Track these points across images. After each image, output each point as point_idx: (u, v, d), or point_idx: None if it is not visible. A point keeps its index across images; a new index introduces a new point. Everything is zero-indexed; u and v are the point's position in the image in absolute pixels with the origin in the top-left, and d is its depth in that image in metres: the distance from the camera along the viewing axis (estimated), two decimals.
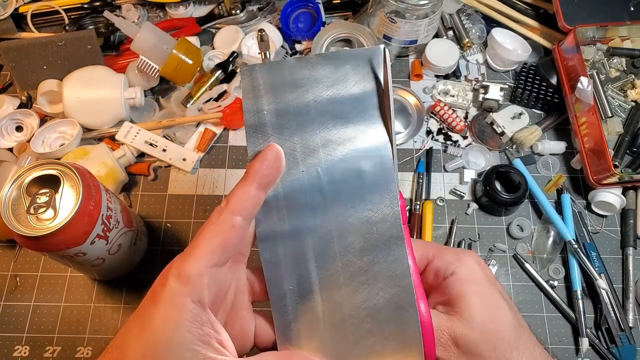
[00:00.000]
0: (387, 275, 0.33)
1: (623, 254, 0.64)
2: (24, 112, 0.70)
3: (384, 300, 0.33)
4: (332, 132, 0.33)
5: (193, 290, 0.29)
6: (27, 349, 0.59)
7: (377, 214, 0.33)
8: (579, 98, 0.64)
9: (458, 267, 0.35)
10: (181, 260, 0.30)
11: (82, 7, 0.77)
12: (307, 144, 0.33)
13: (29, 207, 0.46)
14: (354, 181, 0.33)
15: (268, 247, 0.33)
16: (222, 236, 0.30)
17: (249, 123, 0.33)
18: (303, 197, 0.33)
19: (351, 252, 0.33)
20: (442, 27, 0.78)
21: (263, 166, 0.32)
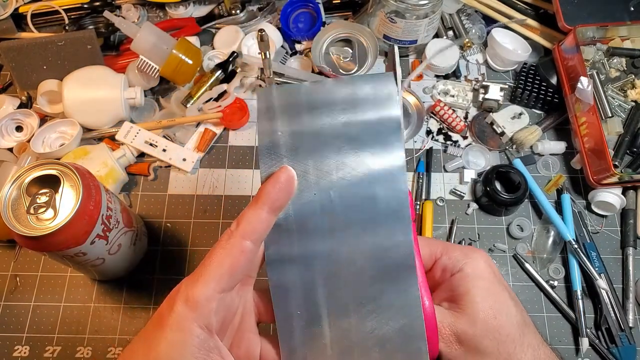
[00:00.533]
0: (398, 305, 0.32)
1: (623, 254, 0.64)
2: (24, 112, 0.70)
3: (393, 330, 0.32)
4: (346, 156, 0.33)
5: (201, 315, 0.29)
6: (27, 349, 0.59)
7: (389, 242, 0.33)
8: (579, 98, 0.64)
9: (466, 264, 0.35)
10: (189, 284, 0.30)
11: (82, 7, 0.77)
12: (320, 167, 0.33)
13: (29, 207, 0.46)
14: (367, 206, 0.33)
15: (277, 270, 0.33)
16: (231, 261, 0.30)
17: (263, 144, 0.33)
18: (314, 221, 0.33)
19: (361, 279, 0.33)
20: (442, 27, 0.78)
21: (275, 189, 0.32)
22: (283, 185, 0.32)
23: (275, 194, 0.32)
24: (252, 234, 0.31)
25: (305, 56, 0.77)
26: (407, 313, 0.32)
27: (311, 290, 0.33)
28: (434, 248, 0.36)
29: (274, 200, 0.32)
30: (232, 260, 0.30)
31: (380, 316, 0.32)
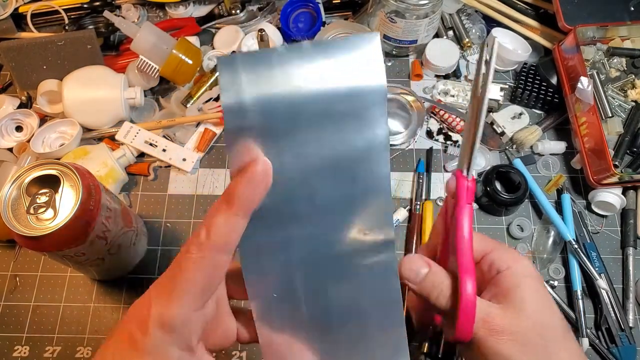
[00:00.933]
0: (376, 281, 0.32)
1: (623, 254, 0.64)
2: (23, 112, 0.70)
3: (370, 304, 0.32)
4: (326, 134, 0.29)
5: (179, 338, 0.27)
6: (27, 349, 0.59)
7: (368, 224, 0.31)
8: (579, 98, 0.64)
9: (514, 263, 0.34)
10: (161, 304, 0.27)
11: (82, 7, 0.77)
12: (297, 148, 0.29)
13: (29, 207, 0.46)
14: (346, 189, 0.30)
15: (251, 259, 0.31)
16: (206, 277, 0.28)
17: (230, 126, 0.28)
18: (291, 207, 0.30)
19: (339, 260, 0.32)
20: (442, 27, 0.78)
21: (250, 189, 0.28)
22: (259, 182, 0.28)
23: (250, 195, 0.28)
24: (225, 245, 0.28)
25: None
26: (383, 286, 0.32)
27: (288, 274, 0.31)
28: (485, 243, 0.36)
29: (249, 203, 0.28)
30: (207, 277, 0.28)
31: (358, 293, 0.32)
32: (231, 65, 0.28)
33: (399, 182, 0.68)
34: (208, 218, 0.28)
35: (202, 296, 0.28)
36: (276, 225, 0.30)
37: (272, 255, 0.31)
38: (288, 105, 0.28)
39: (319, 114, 0.29)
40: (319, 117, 0.29)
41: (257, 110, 0.28)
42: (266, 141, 0.29)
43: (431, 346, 0.58)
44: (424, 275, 0.33)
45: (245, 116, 0.28)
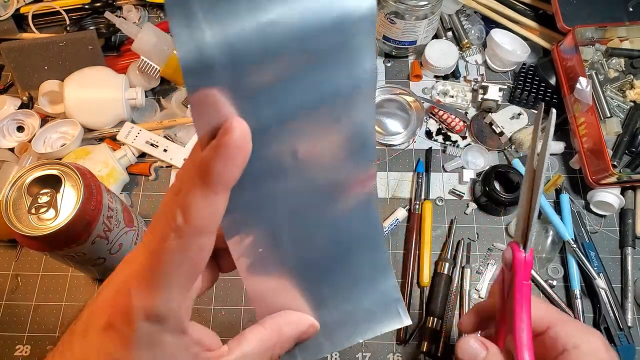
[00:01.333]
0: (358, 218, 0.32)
1: (622, 254, 0.64)
2: (25, 112, 0.70)
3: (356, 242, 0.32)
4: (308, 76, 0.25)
5: (170, 325, 0.25)
6: (28, 348, 0.59)
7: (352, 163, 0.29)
8: (578, 98, 0.64)
9: (583, 342, 0.32)
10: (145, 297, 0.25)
11: (83, 7, 0.77)
12: (277, 98, 0.25)
13: (30, 207, 0.47)
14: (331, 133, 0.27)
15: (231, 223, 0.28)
16: (190, 263, 0.25)
17: (192, 85, 0.22)
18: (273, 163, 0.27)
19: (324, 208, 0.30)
20: (441, 28, 0.78)
21: (229, 165, 0.23)
22: (237, 154, 0.23)
23: (230, 169, 0.23)
24: (207, 226, 0.24)
25: None
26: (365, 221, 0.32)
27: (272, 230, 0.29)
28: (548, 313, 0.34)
29: (229, 177, 0.23)
30: (192, 263, 0.25)
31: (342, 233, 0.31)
32: (184, 5, 0.21)
33: (398, 182, 0.69)
34: (182, 196, 0.24)
35: (188, 283, 0.26)
36: (257, 185, 0.27)
37: (255, 213, 0.28)
38: (261, 47, 0.23)
39: (300, 53, 0.24)
40: (299, 57, 0.24)
41: (224, 59, 0.22)
42: (238, 94, 0.23)
43: (431, 346, 0.58)
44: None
45: (210, 71, 0.22)
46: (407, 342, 0.59)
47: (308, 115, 0.26)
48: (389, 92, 0.74)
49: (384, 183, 0.69)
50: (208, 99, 0.22)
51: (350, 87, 0.26)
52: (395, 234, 0.65)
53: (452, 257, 0.63)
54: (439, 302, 0.60)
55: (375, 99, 0.29)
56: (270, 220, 0.29)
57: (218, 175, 0.23)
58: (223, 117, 0.23)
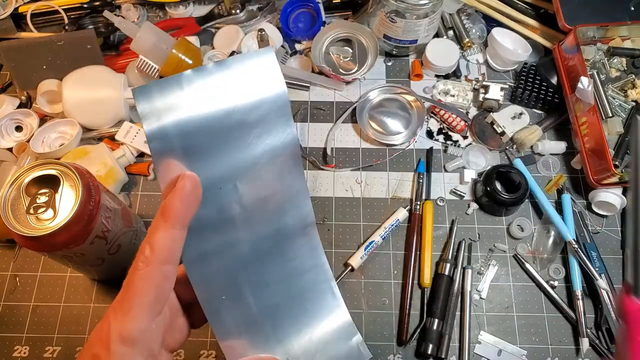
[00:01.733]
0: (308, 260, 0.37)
1: (623, 254, 0.63)
2: (23, 112, 0.70)
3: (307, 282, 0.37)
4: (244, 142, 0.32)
5: (141, 349, 0.29)
6: (26, 349, 0.59)
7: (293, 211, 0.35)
8: (580, 98, 0.64)
9: None
10: (118, 319, 0.29)
11: (81, 6, 0.77)
12: (220, 159, 0.32)
13: (29, 207, 0.46)
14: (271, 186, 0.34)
15: (195, 268, 0.33)
16: (156, 289, 0.30)
17: (156, 151, 0.31)
18: (224, 213, 0.33)
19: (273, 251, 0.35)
20: (442, 27, 0.78)
21: (182, 204, 0.30)
22: (189, 196, 0.30)
23: (184, 208, 0.30)
24: (169, 256, 0.30)
25: (305, 56, 0.77)
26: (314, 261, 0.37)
27: (231, 275, 0.34)
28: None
29: (184, 215, 0.30)
30: (157, 288, 0.30)
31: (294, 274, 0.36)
32: (147, 94, 0.30)
33: (399, 182, 0.68)
34: (150, 234, 0.30)
35: (155, 306, 0.30)
36: (213, 231, 0.33)
37: (214, 260, 0.33)
38: (204, 123, 0.31)
39: (233, 126, 0.32)
40: (232, 128, 0.32)
41: (177, 132, 0.31)
42: (190, 157, 0.31)
43: (432, 347, 0.58)
44: None
45: (167, 139, 0.30)
46: (408, 343, 0.59)
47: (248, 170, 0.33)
48: (389, 91, 0.73)
49: (385, 183, 0.68)
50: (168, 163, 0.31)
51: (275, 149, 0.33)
52: (396, 234, 0.65)
53: (453, 258, 0.63)
54: (440, 303, 0.59)
55: (301, 161, 0.36)
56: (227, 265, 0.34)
57: (174, 211, 0.30)
58: (177, 173, 0.31)
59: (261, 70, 0.32)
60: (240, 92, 0.32)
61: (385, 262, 0.63)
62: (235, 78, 0.32)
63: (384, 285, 0.62)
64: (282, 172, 0.34)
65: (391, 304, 0.61)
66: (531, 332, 0.60)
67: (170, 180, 0.31)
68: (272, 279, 0.36)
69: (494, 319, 0.60)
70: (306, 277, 0.37)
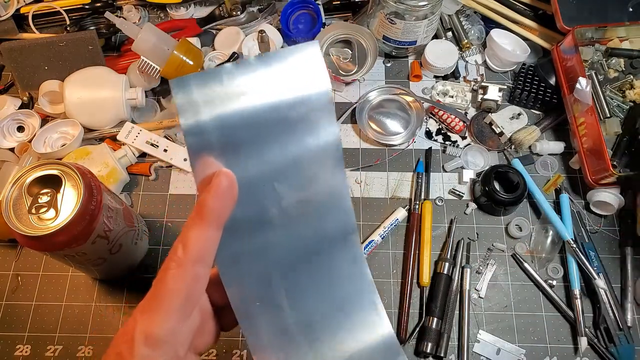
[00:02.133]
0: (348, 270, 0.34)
1: (621, 254, 0.64)
2: (25, 112, 0.70)
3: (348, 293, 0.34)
4: (283, 140, 0.31)
5: (166, 352, 0.28)
6: (28, 348, 0.59)
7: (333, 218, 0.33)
8: (578, 99, 0.64)
9: None
10: (146, 319, 0.28)
11: (83, 8, 0.77)
12: (259, 158, 0.30)
13: (31, 207, 0.47)
14: (310, 188, 0.32)
15: (228, 269, 0.31)
16: (187, 290, 0.28)
17: (192, 147, 0.29)
18: (261, 214, 0.31)
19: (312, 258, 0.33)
20: (441, 28, 0.78)
21: (218, 202, 0.29)
22: (225, 194, 0.29)
23: (219, 207, 0.29)
24: (203, 257, 0.29)
25: None
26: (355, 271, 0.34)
27: (267, 280, 0.32)
28: None
29: (219, 214, 0.29)
30: (188, 289, 0.28)
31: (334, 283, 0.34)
32: (185, 87, 0.29)
33: (398, 182, 0.69)
34: (183, 233, 0.29)
35: (185, 309, 0.29)
36: (249, 233, 0.31)
37: (249, 263, 0.32)
38: (243, 119, 0.30)
39: (273, 123, 0.30)
40: (273, 125, 0.30)
41: (215, 127, 0.29)
42: (228, 155, 0.30)
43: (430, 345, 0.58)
44: None
45: (204, 135, 0.29)
46: (407, 342, 0.59)
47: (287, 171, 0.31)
48: (388, 92, 0.74)
49: (384, 183, 0.69)
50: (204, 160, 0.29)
51: (317, 149, 0.31)
52: (395, 234, 0.65)
53: (452, 257, 0.63)
54: (438, 302, 0.60)
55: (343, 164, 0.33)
56: (262, 269, 0.32)
57: (211, 210, 0.28)
58: (214, 169, 0.29)
59: (305, 66, 0.31)
60: (283, 87, 0.30)
61: (385, 261, 0.64)
62: (278, 73, 0.30)
63: (383, 285, 0.62)
64: (324, 174, 0.32)
65: (390, 303, 0.61)
66: (530, 331, 0.60)
67: (205, 177, 0.29)
68: (310, 288, 0.33)
69: (492, 318, 0.61)
70: (346, 289, 0.34)
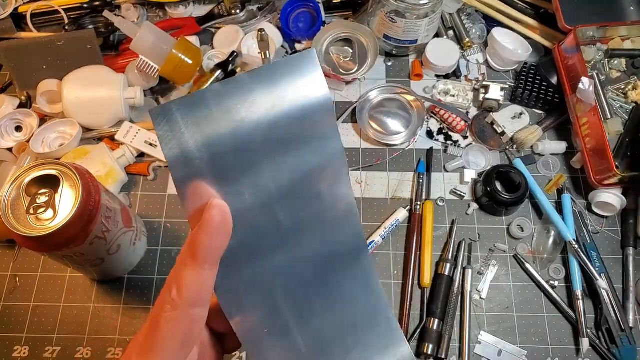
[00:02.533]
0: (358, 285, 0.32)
1: (623, 254, 0.63)
2: (23, 112, 0.70)
3: (360, 310, 0.32)
4: (281, 161, 0.28)
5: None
6: (26, 349, 0.59)
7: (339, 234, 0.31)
8: (581, 99, 0.64)
9: None
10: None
11: (81, 6, 0.77)
12: (255, 182, 0.28)
13: (29, 207, 0.46)
14: (314, 207, 0.30)
15: (231, 302, 0.30)
16: (183, 332, 0.27)
17: (179, 179, 0.27)
18: (260, 240, 0.29)
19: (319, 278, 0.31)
20: (442, 27, 0.78)
21: (211, 241, 0.27)
22: (218, 230, 0.27)
23: (213, 245, 0.27)
24: (198, 299, 0.27)
25: None
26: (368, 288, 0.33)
27: (273, 307, 0.30)
28: None
29: (212, 252, 0.27)
30: (184, 332, 0.27)
31: (346, 303, 0.32)
32: (166, 115, 0.26)
33: (399, 182, 0.68)
34: (176, 273, 0.27)
35: (182, 351, 0.28)
36: (248, 263, 0.29)
37: (251, 292, 0.30)
38: (235, 142, 0.27)
39: (268, 142, 0.28)
40: (268, 145, 0.28)
41: (203, 155, 0.27)
42: (220, 183, 0.27)
43: (431, 346, 0.58)
44: None
45: (192, 164, 0.27)
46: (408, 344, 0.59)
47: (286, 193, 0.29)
48: (389, 91, 0.73)
49: (385, 183, 0.68)
50: (194, 188, 0.27)
51: (321, 164, 0.29)
52: (396, 234, 0.65)
53: (453, 258, 0.63)
54: (439, 303, 0.59)
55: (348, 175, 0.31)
56: (267, 296, 0.30)
57: (202, 250, 0.27)
58: (206, 200, 0.27)
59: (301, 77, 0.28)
60: (278, 104, 0.28)
61: (385, 262, 0.63)
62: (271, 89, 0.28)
63: (384, 285, 0.62)
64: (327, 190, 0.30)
65: (391, 304, 0.61)
66: (531, 332, 0.60)
67: (197, 208, 0.27)
68: (320, 310, 0.32)
69: (494, 319, 0.60)
70: (359, 307, 0.32)
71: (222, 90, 0.27)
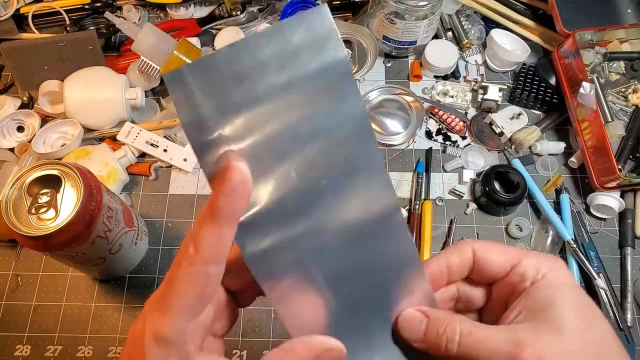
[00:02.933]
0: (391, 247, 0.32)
1: (621, 254, 0.64)
2: (25, 112, 0.70)
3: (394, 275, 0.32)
4: (298, 121, 0.28)
5: (176, 350, 0.27)
6: (28, 348, 0.59)
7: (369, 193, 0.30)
8: (581, 103, 0.64)
9: (549, 270, 0.30)
10: (155, 318, 0.27)
11: (83, 7, 0.77)
12: (273, 144, 0.28)
13: (30, 207, 0.47)
14: (336, 165, 0.29)
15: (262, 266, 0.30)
16: (199, 289, 0.27)
17: (195, 143, 0.27)
18: (283, 202, 0.29)
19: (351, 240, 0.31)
20: (441, 28, 0.78)
21: (229, 201, 0.27)
22: (237, 191, 0.27)
23: (231, 205, 0.27)
24: (214, 257, 0.27)
25: None
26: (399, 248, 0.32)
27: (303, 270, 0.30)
28: (509, 256, 0.32)
29: (231, 212, 0.27)
30: (199, 288, 0.27)
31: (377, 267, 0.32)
32: (179, 78, 0.26)
33: (398, 182, 0.69)
34: (194, 230, 0.28)
35: (196, 308, 0.28)
36: (277, 225, 0.29)
37: (282, 255, 0.30)
38: (251, 101, 0.27)
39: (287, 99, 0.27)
40: (287, 102, 0.27)
41: (219, 117, 0.27)
42: (239, 144, 0.27)
43: None
44: None
45: (208, 127, 0.27)
46: None
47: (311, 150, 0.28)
48: (388, 92, 0.74)
49: None
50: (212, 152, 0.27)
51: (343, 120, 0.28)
52: None
53: None
54: None
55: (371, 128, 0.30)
56: (298, 259, 0.30)
57: (222, 209, 0.27)
58: (224, 162, 0.27)
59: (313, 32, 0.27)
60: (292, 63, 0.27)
61: None
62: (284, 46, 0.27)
63: None
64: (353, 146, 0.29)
65: None
66: None
67: (218, 170, 0.27)
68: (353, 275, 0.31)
69: None
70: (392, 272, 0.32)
71: (232, 52, 0.27)
